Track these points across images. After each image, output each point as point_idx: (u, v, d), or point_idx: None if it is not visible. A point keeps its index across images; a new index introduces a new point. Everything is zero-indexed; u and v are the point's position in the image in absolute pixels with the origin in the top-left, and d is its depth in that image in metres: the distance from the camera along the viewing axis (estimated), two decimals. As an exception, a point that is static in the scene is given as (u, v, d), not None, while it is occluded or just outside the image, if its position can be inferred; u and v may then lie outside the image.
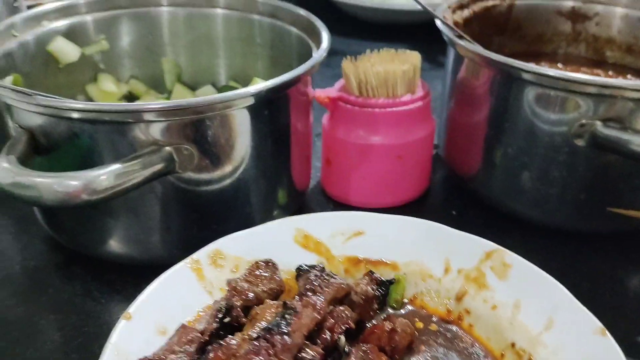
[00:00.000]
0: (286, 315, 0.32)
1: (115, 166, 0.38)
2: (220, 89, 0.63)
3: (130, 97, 0.61)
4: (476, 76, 0.50)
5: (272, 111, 0.45)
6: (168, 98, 0.62)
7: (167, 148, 0.41)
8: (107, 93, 0.59)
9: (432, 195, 0.57)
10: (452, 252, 0.41)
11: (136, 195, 0.44)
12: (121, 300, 0.45)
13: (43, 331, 0.42)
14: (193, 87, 0.63)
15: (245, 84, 0.62)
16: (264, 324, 0.33)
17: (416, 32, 0.92)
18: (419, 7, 0.60)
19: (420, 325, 0.39)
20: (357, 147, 0.52)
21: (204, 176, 0.44)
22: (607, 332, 0.34)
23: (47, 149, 0.42)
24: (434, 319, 0.39)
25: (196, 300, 0.38)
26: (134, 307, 0.35)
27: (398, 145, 0.52)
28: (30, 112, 0.41)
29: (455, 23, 0.57)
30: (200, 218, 0.46)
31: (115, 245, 0.47)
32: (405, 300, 0.41)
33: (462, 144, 0.55)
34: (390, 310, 0.40)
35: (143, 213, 0.45)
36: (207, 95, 0.62)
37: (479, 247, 0.40)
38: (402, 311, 0.40)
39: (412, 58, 0.52)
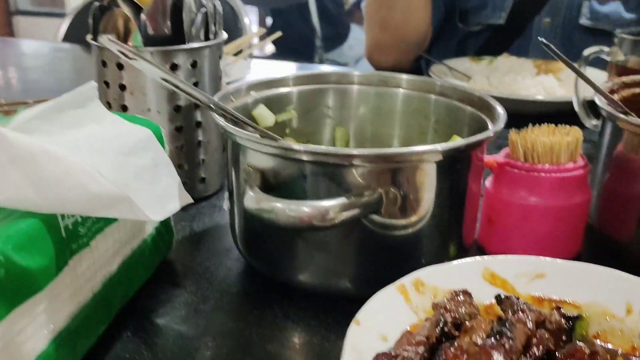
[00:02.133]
0: (507, 325, 0.37)
1: (342, 199, 0.46)
2: (384, 156, 0.71)
3: (307, 158, 0.70)
4: (636, 149, 0.56)
5: (456, 169, 0.53)
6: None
7: (379, 190, 0.48)
8: (290, 154, 0.69)
9: (584, 258, 0.61)
10: (633, 296, 0.45)
11: (333, 235, 0.51)
12: (317, 325, 0.51)
13: (256, 343, 0.49)
14: (358, 154, 0.72)
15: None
16: (481, 333, 0.38)
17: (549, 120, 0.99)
18: (551, 98, 0.67)
19: (606, 357, 0.42)
20: (521, 208, 0.58)
21: (395, 222, 0.51)
22: None
23: (274, 187, 0.51)
24: (620, 352, 0.43)
25: (406, 317, 0.44)
26: (361, 315, 0.42)
27: (559, 208, 0.57)
28: (265, 154, 0.50)
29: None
30: (387, 259, 0.53)
31: (310, 277, 0.54)
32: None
33: (619, 213, 0.59)
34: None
35: (339, 251, 0.52)
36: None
37: (660, 292, 0.44)
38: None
39: (574, 132, 0.58)
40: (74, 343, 0.44)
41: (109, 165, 0.47)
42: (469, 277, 0.47)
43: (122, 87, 0.67)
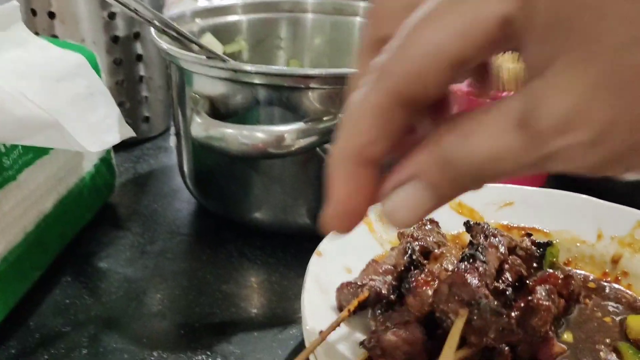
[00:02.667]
0: (479, 249, 0.35)
1: (299, 124, 0.42)
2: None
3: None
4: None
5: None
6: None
7: (339, 115, 0.45)
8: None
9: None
10: (604, 221, 0.43)
11: (289, 168, 0.48)
12: (275, 263, 0.48)
13: (211, 283, 0.45)
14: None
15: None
16: (452, 259, 0.36)
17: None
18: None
19: (578, 282, 0.41)
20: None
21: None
22: None
23: (224, 116, 0.46)
24: (591, 277, 0.42)
25: (370, 249, 0.41)
26: (323, 247, 0.38)
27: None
28: (213, 78, 0.46)
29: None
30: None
31: (266, 214, 0.50)
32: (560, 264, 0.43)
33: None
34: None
35: (296, 185, 0.48)
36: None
37: (631, 216, 0.42)
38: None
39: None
40: (5, 287, 0.39)
41: (36, 90, 0.41)
42: (435, 206, 0.45)
43: (52, 15, 0.60)
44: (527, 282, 0.39)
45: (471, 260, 0.33)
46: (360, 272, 0.38)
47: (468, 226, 0.41)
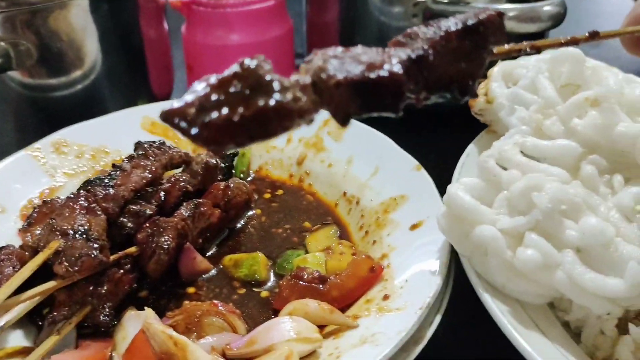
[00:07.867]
0: (112, 173, 0.33)
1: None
2: None
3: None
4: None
5: (114, 9, 0.46)
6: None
7: (2, 44, 0.41)
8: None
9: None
10: (294, 123, 0.43)
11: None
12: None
13: None
14: None
15: None
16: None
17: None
18: None
19: (268, 195, 0.41)
20: (215, 49, 0.53)
21: (54, 81, 0.44)
22: (422, 167, 0.37)
23: None
24: (278, 183, 0.42)
25: (38, 182, 0.38)
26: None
27: (255, 44, 0.53)
28: None
29: None
30: (53, 123, 0.46)
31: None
32: (251, 172, 0.43)
33: (322, 43, 0.57)
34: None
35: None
36: None
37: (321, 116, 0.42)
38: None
39: (261, -42, 0.53)
40: None
41: None
42: (126, 128, 0.43)
43: None
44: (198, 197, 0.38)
45: (91, 188, 0.32)
46: (17, 210, 0.36)
47: (136, 146, 0.39)
